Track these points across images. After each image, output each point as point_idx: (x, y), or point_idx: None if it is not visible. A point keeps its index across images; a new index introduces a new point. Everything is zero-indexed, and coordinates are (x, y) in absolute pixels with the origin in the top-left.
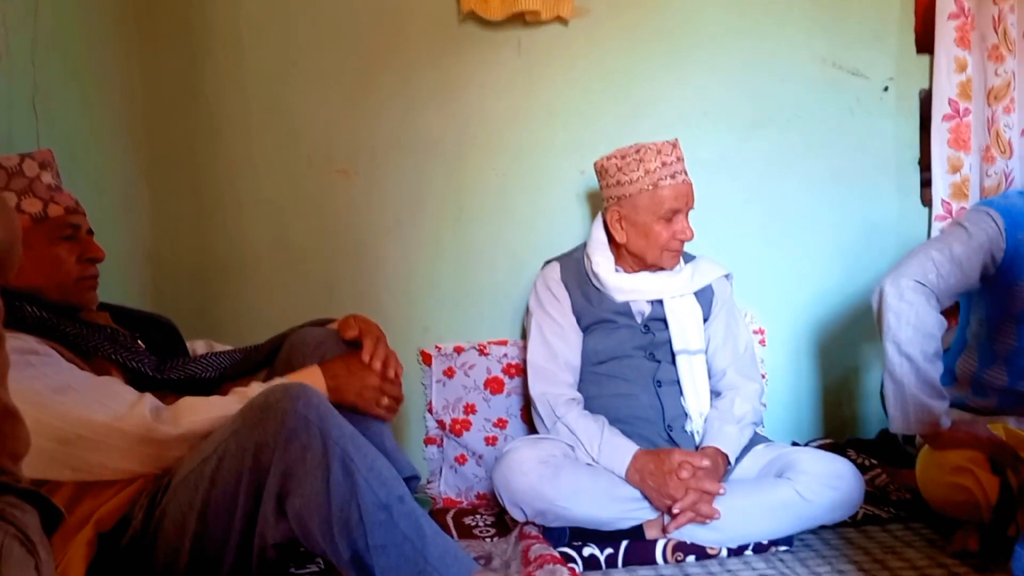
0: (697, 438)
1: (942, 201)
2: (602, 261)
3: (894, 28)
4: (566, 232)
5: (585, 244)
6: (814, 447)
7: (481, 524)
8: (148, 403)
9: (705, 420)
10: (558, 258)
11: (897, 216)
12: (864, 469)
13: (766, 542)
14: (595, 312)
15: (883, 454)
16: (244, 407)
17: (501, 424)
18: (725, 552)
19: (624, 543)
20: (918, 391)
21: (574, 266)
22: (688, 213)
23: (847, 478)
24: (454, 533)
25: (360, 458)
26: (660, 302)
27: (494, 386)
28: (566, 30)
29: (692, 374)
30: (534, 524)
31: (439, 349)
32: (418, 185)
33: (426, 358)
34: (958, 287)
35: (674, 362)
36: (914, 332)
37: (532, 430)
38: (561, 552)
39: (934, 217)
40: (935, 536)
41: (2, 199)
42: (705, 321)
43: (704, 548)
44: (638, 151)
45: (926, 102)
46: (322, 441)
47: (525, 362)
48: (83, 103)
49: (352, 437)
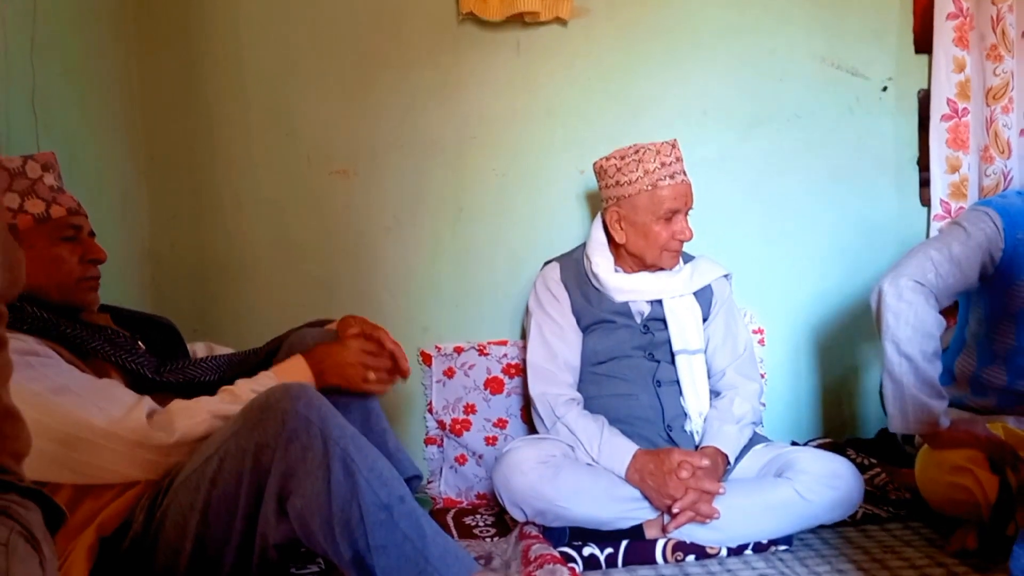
0: (697, 438)
1: (941, 201)
2: (601, 261)
3: (893, 28)
4: (566, 232)
5: (584, 244)
6: (813, 447)
7: (481, 524)
8: (145, 407)
9: (704, 420)
10: (558, 258)
11: (896, 216)
12: (863, 468)
13: (766, 541)
14: (595, 312)
15: (882, 453)
16: (245, 408)
17: (501, 424)
18: (725, 552)
19: (624, 543)
20: (917, 391)
21: (574, 266)
22: (687, 213)
23: (847, 477)
24: (454, 533)
25: (361, 458)
26: (659, 302)
27: (494, 386)
28: (565, 30)
29: (691, 374)
30: (534, 524)
31: (439, 349)
32: (418, 185)
33: (426, 358)
34: (957, 287)
35: (673, 362)
36: (913, 332)
37: (532, 430)
38: (561, 552)
39: (933, 217)
40: (934, 535)
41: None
42: (704, 321)
43: (704, 548)
44: (637, 151)
45: (925, 102)
46: (323, 441)
47: (525, 362)
48: (82, 104)
49: (353, 437)
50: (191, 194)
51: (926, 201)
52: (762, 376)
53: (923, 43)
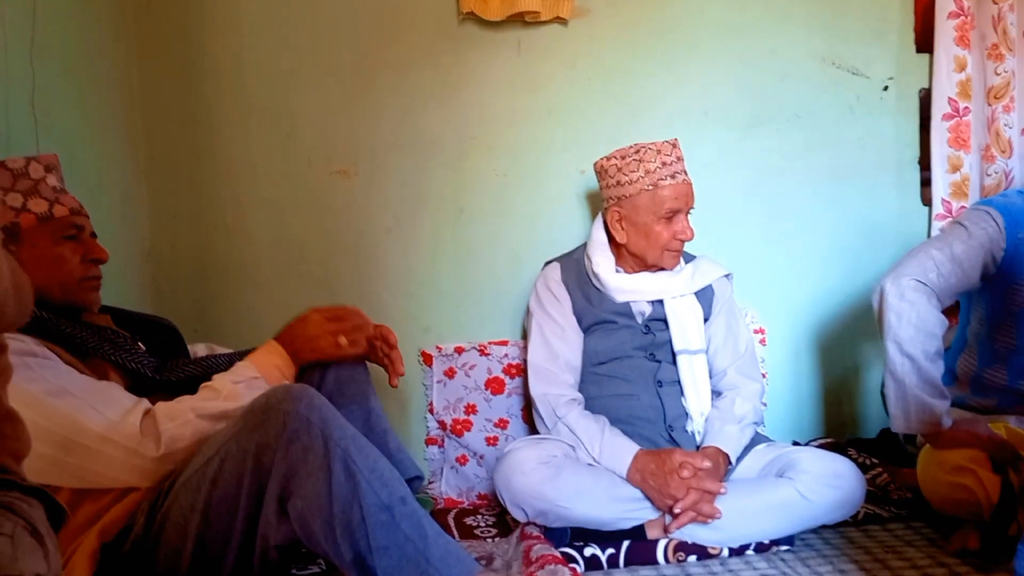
0: (698, 438)
1: (942, 200)
2: (602, 262)
3: (894, 27)
4: (566, 232)
5: (585, 244)
6: (815, 446)
7: (482, 524)
8: (140, 413)
9: (706, 420)
10: (558, 258)
11: (897, 215)
12: (865, 468)
13: (767, 542)
14: (596, 313)
15: (884, 453)
16: (246, 409)
17: (502, 424)
18: (726, 552)
19: (625, 543)
20: (919, 390)
21: (574, 266)
22: (688, 213)
23: (848, 477)
24: (455, 533)
25: (362, 459)
26: (660, 302)
27: (495, 386)
28: (566, 30)
29: (693, 374)
30: (535, 524)
31: (440, 349)
32: (418, 185)
33: (427, 358)
34: (959, 286)
35: (675, 362)
36: (915, 331)
37: (533, 430)
38: (563, 552)
39: (934, 216)
40: (936, 535)
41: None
42: (706, 321)
43: (705, 548)
44: (638, 151)
45: (926, 101)
46: (323, 442)
47: (526, 362)
48: (82, 103)
49: (354, 438)
50: (191, 194)
51: (927, 200)
52: (763, 376)
53: (924, 42)
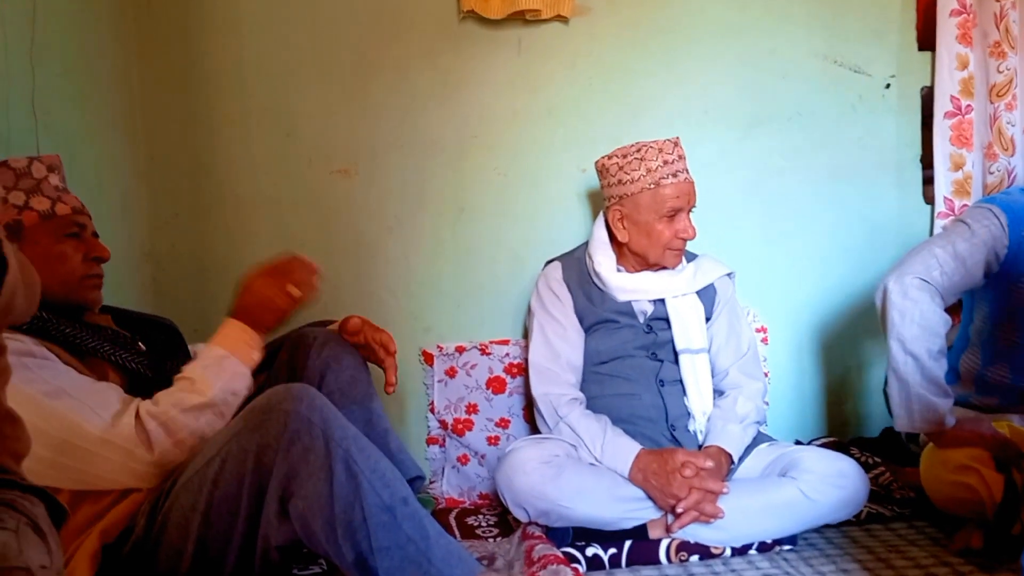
0: (700, 437)
1: (944, 198)
2: (604, 261)
3: (895, 25)
4: (567, 231)
5: (586, 243)
6: (817, 446)
7: (484, 524)
8: (134, 415)
9: (708, 419)
10: (559, 258)
11: (899, 213)
12: (867, 467)
13: (770, 541)
14: (597, 312)
15: (886, 452)
16: (246, 409)
17: (503, 424)
18: (729, 552)
19: (628, 543)
20: (923, 389)
21: (576, 266)
22: (690, 211)
23: (852, 477)
24: (457, 533)
25: (363, 459)
26: (662, 301)
27: (496, 386)
28: (566, 28)
29: (695, 373)
30: (537, 524)
31: (441, 349)
32: (419, 184)
33: (428, 358)
34: (962, 284)
35: (677, 361)
36: (919, 330)
37: (534, 430)
38: (565, 552)
39: (936, 214)
40: (939, 534)
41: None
42: (707, 320)
43: (708, 547)
44: (639, 150)
45: (928, 99)
46: (325, 443)
47: (527, 362)
48: (82, 103)
49: (355, 438)
50: (191, 194)
51: (930, 199)
52: (765, 375)
53: (926, 40)
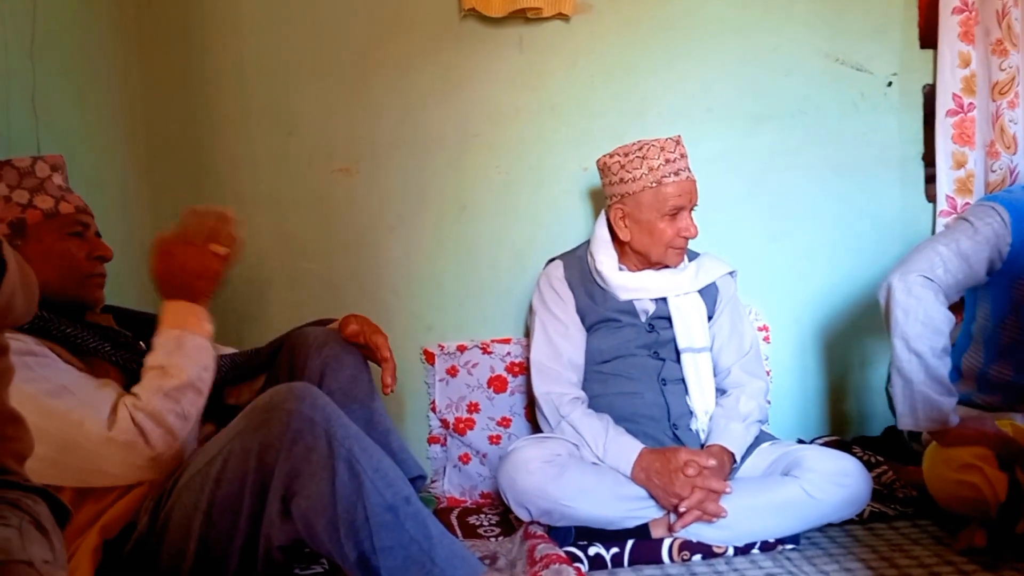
0: (702, 436)
1: (947, 196)
2: (606, 259)
3: (897, 23)
4: (569, 229)
5: (588, 242)
6: (820, 444)
7: (486, 523)
8: (127, 412)
9: (710, 418)
10: (561, 256)
11: (901, 211)
12: (870, 466)
13: (773, 540)
14: (599, 311)
15: (889, 451)
16: (248, 408)
17: (505, 423)
18: (732, 551)
19: (630, 542)
20: (927, 388)
21: (577, 264)
22: (692, 210)
23: (855, 476)
24: (458, 532)
25: (366, 459)
26: (664, 300)
27: (498, 384)
28: (568, 26)
29: (697, 372)
30: (539, 523)
31: (442, 348)
32: (420, 182)
33: (429, 357)
34: (965, 282)
35: (679, 360)
36: (923, 328)
37: (536, 429)
38: (567, 551)
39: (938, 213)
40: (942, 533)
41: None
42: (710, 319)
43: (711, 547)
44: (641, 148)
45: (930, 97)
46: (327, 442)
47: (529, 361)
48: (82, 101)
49: (358, 437)
50: (192, 193)
51: (932, 197)
52: (768, 373)
53: (928, 38)
